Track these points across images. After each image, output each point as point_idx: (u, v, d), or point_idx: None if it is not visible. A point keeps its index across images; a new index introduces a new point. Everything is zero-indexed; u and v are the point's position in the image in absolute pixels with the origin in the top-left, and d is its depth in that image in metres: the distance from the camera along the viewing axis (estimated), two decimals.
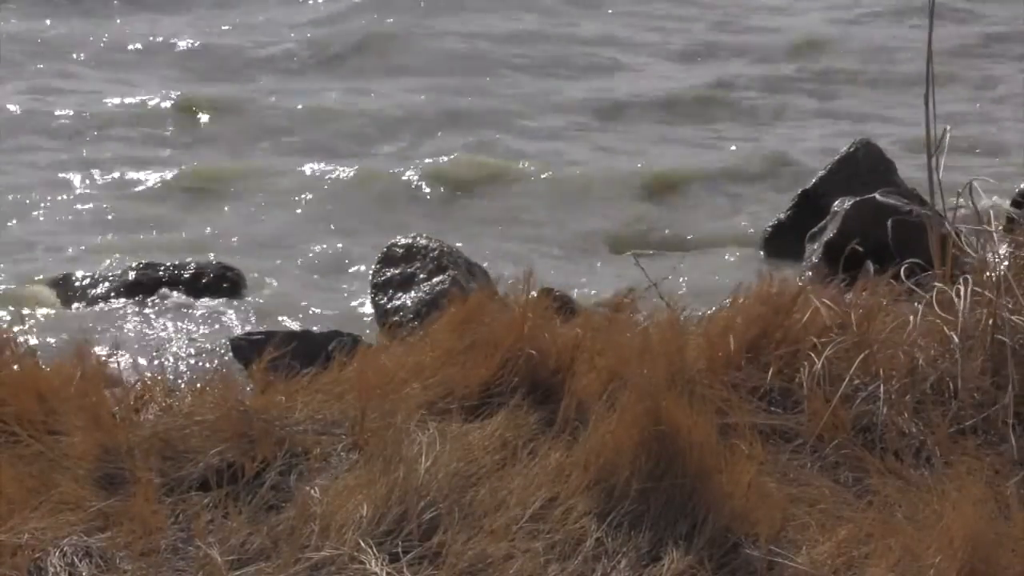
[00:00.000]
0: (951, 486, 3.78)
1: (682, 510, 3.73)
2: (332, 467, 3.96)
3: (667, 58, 13.12)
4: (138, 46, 13.14)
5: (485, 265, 7.33)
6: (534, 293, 4.63)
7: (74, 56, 12.78)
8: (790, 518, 3.77)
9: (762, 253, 8.37)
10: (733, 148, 10.54)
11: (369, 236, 8.39)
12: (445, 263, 7.01)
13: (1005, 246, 4.79)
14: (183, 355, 6.74)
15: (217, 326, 7.25)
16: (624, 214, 9.19)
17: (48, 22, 13.66)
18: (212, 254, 8.13)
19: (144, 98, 11.47)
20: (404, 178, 9.61)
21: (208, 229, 8.76)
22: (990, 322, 4.37)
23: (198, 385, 4.38)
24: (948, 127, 5.23)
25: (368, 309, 7.24)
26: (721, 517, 3.70)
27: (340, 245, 8.51)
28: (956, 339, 4.32)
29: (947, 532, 3.55)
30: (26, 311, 7.35)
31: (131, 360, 4.71)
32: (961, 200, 5.05)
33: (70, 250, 8.36)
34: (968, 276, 4.53)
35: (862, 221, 7.14)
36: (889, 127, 10.65)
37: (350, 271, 8.08)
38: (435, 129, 10.92)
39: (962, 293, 4.43)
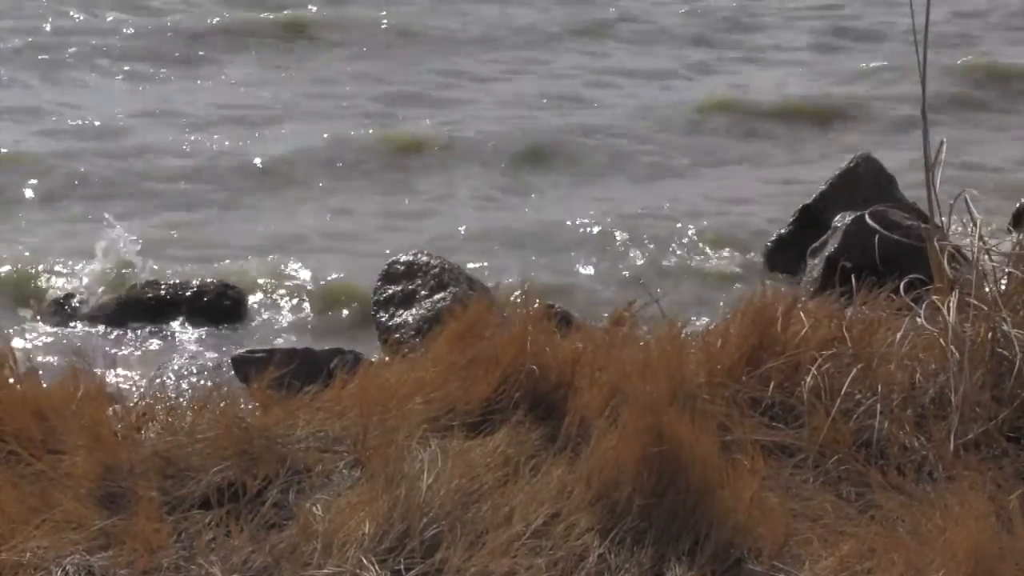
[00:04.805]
0: (953, 500, 3.77)
1: (684, 526, 3.73)
2: (334, 484, 3.96)
3: None
4: None
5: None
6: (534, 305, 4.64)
7: None
8: (792, 533, 3.77)
9: (763, 268, 8.38)
10: None
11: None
12: (446, 280, 7.01)
13: (1005, 259, 4.78)
14: (184, 373, 6.74)
15: (218, 344, 7.25)
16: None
17: None
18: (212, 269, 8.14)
19: None
20: None
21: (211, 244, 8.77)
22: (989, 336, 4.37)
23: (199, 403, 4.37)
24: (943, 139, 5.24)
25: (370, 326, 7.24)
26: (723, 532, 3.70)
27: (342, 260, 8.52)
28: (956, 353, 4.32)
29: (950, 546, 3.55)
30: (26, 329, 7.36)
31: (132, 378, 4.71)
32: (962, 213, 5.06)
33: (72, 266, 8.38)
34: (957, 290, 4.53)
35: (863, 236, 7.13)
36: None
37: (352, 288, 8.08)
38: None
39: (951, 307, 4.43)
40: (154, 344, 7.26)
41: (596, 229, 9.02)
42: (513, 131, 10.83)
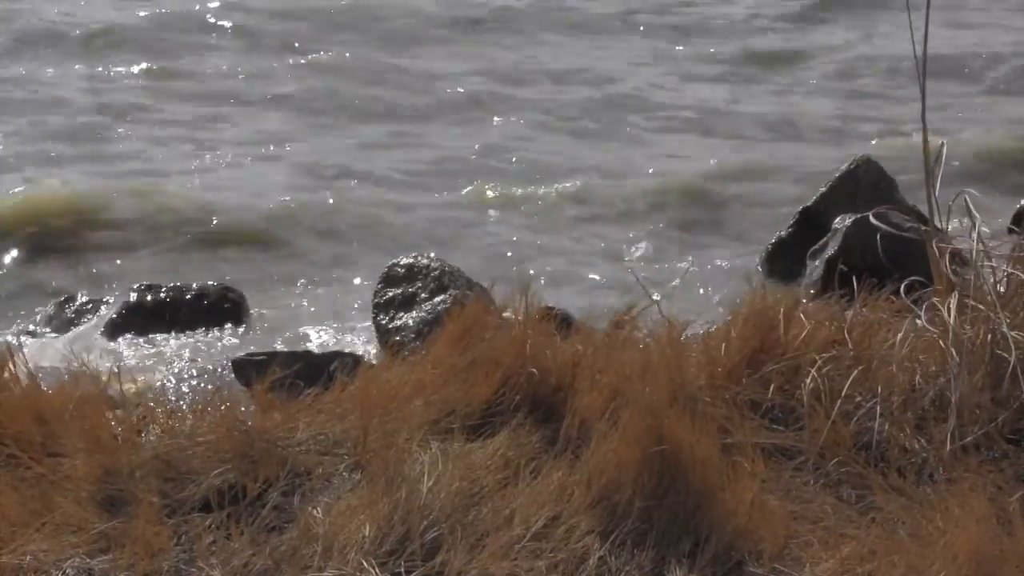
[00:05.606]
0: (954, 503, 3.77)
1: (685, 528, 3.72)
2: (334, 487, 3.96)
3: None
4: None
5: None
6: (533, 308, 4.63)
7: None
8: (793, 535, 3.77)
9: (763, 270, 8.38)
10: None
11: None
12: (446, 282, 7.01)
13: (1005, 262, 4.78)
14: (185, 376, 6.74)
15: (219, 347, 7.26)
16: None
17: None
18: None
19: None
20: None
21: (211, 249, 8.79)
22: (988, 338, 4.37)
23: (200, 406, 4.37)
24: (944, 141, 5.23)
25: (370, 329, 7.24)
26: (724, 535, 3.70)
27: (342, 265, 8.54)
28: (955, 355, 4.32)
29: (951, 549, 3.54)
30: (28, 331, 7.37)
31: (132, 382, 4.71)
32: (961, 215, 5.05)
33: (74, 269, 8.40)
34: (957, 292, 4.53)
35: (863, 238, 7.13)
36: None
37: (352, 291, 8.09)
38: None
39: (951, 308, 4.42)
40: (154, 347, 7.27)
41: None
42: None
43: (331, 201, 9.68)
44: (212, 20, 14.57)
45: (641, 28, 14.86)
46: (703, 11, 15.58)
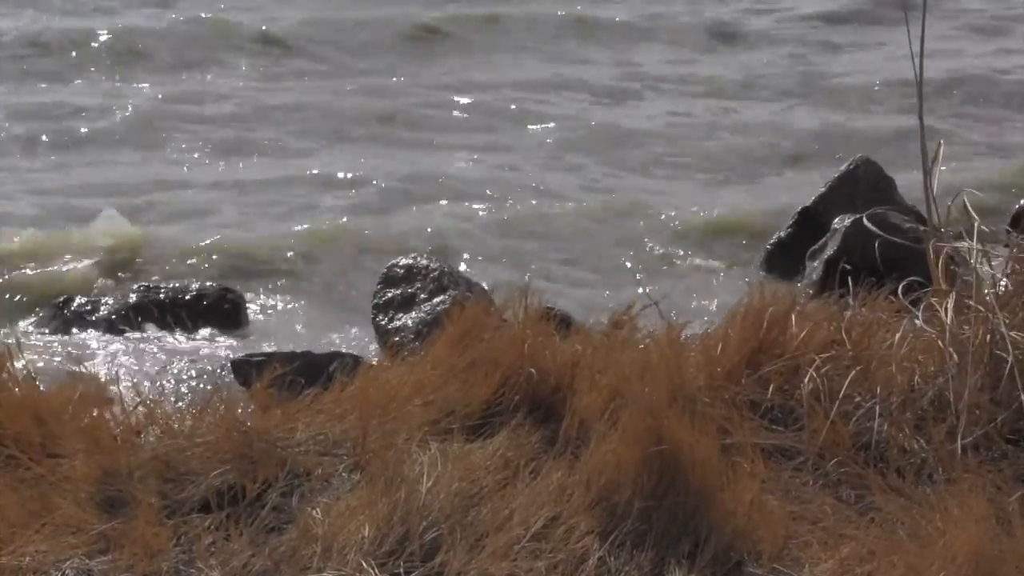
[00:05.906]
0: (953, 503, 3.77)
1: (685, 528, 3.73)
2: (334, 488, 3.96)
3: None
4: None
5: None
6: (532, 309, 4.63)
7: None
8: (792, 536, 3.77)
9: (762, 271, 8.38)
10: None
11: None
12: (446, 283, 7.02)
13: (1003, 261, 4.78)
14: (184, 377, 6.74)
15: (218, 348, 7.26)
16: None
17: None
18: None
19: None
20: None
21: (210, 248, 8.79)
22: (987, 338, 4.37)
23: (199, 407, 4.37)
24: (942, 140, 5.23)
25: (369, 330, 7.25)
26: (724, 535, 3.70)
27: (341, 266, 8.54)
28: (955, 356, 4.32)
29: (950, 549, 3.55)
30: (27, 332, 7.37)
31: (131, 382, 4.72)
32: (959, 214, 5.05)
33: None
34: (955, 292, 4.53)
35: (862, 238, 7.14)
36: None
37: (351, 292, 8.10)
38: None
39: (948, 309, 4.43)
40: (153, 348, 7.27)
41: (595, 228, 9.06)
42: None
43: (331, 205, 9.70)
44: (216, 28, 14.60)
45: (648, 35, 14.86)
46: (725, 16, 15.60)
